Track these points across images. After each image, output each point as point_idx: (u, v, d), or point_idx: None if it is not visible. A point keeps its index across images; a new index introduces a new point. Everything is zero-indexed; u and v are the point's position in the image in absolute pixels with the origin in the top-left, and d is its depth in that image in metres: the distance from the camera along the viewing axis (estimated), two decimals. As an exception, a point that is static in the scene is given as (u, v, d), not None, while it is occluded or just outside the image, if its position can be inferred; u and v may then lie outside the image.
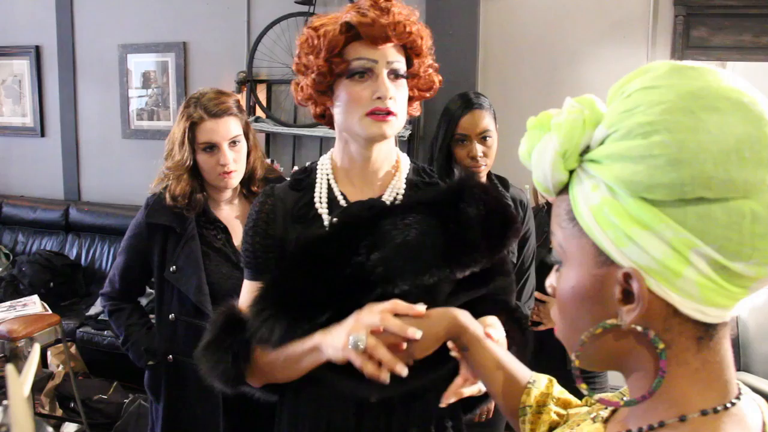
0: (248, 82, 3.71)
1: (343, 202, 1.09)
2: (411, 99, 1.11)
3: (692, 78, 0.50)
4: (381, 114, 1.01)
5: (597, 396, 0.59)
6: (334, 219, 1.07)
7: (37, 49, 4.40)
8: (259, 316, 1.02)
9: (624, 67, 3.18)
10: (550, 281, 0.63)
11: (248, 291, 1.10)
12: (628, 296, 0.52)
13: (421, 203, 1.06)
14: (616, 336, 0.54)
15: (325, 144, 3.76)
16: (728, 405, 0.52)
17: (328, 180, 1.11)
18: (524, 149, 0.59)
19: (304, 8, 3.60)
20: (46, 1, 4.31)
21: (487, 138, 1.81)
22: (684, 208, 0.48)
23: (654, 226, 0.49)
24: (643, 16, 3.16)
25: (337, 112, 1.07)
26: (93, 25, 4.24)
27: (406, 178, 1.12)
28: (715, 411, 0.51)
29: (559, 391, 0.86)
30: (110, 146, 4.30)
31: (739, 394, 0.53)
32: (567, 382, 0.82)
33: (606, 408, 0.66)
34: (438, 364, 0.98)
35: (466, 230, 1.03)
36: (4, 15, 4.47)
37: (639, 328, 0.52)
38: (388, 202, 1.09)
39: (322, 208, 1.09)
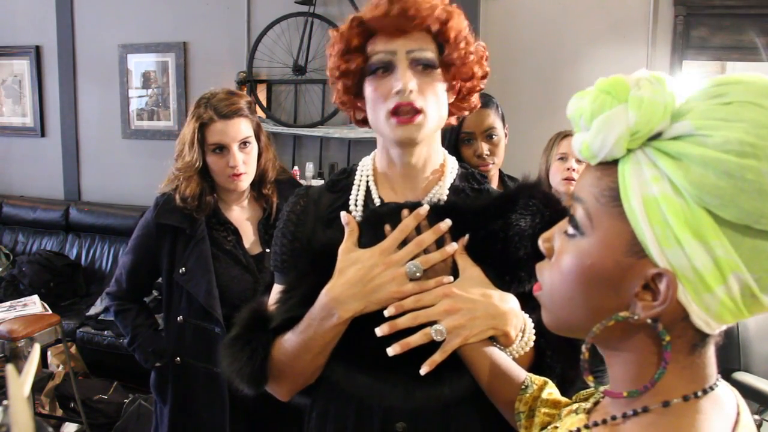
0: (248, 82, 3.71)
1: None
2: (460, 92, 1.01)
3: None
4: (405, 115, 0.91)
5: (602, 388, 0.60)
6: (358, 217, 1.00)
7: (37, 49, 4.40)
8: (280, 311, 1.00)
9: (624, 67, 3.18)
10: (549, 239, 0.61)
11: (275, 293, 1.06)
12: (645, 291, 0.52)
13: (460, 210, 0.97)
14: (623, 326, 0.54)
15: (325, 144, 3.76)
16: (707, 390, 0.54)
17: (368, 183, 1.03)
18: (587, 109, 0.54)
19: (304, 8, 3.59)
20: (46, 1, 4.31)
21: (493, 136, 1.79)
22: (744, 234, 0.48)
23: (708, 239, 0.49)
24: (643, 16, 3.16)
25: (368, 113, 0.99)
26: (93, 25, 4.24)
27: (451, 184, 1.02)
28: (696, 395, 0.53)
29: (548, 393, 0.86)
30: (110, 146, 4.30)
31: (716, 381, 0.55)
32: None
33: (588, 401, 0.68)
34: (461, 372, 0.94)
35: (512, 245, 0.94)
36: (4, 15, 4.47)
37: (649, 321, 0.52)
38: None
39: (357, 212, 1.01)
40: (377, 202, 1.02)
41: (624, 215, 0.52)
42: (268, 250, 1.74)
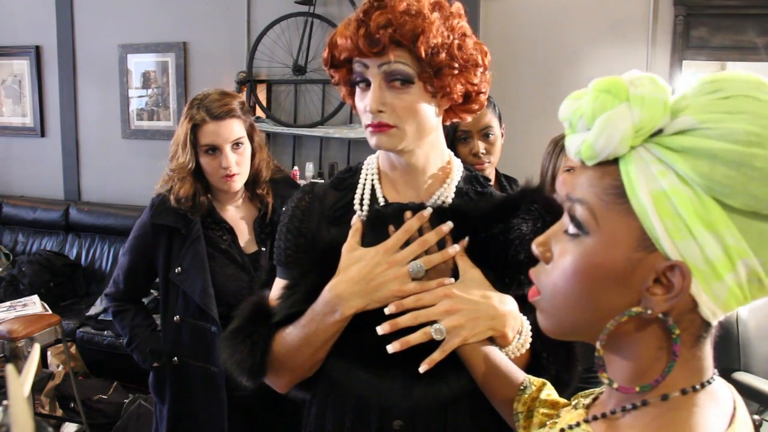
0: (248, 82, 3.71)
1: None
2: (450, 108, 1.01)
3: None
4: (377, 126, 0.93)
5: (616, 384, 0.60)
6: (363, 217, 1.01)
7: (37, 49, 4.40)
8: (283, 306, 1.01)
9: (624, 67, 3.17)
10: (546, 243, 0.61)
11: (277, 288, 1.06)
12: (657, 285, 0.53)
13: (462, 213, 0.98)
14: (632, 323, 0.55)
15: (324, 144, 3.76)
16: (705, 384, 0.54)
17: (372, 182, 1.04)
18: (588, 109, 0.54)
19: (304, 8, 3.60)
20: (46, 1, 4.31)
21: (490, 135, 1.80)
22: (752, 220, 0.49)
23: (719, 228, 0.50)
24: (643, 16, 3.16)
25: None
26: (93, 25, 4.24)
27: (456, 186, 1.03)
28: (694, 389, 0.54)
29: (547, 394, 0.86)
30: (110, 146, 4.30)
31: (713, 376, 0.56)
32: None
33: (587, 396, 0.68)
34: (460, 372, 0.95)
35: (512, 248, 0.95)
36: (4, 15, 4.47)
37: (660, 315, 0.53)
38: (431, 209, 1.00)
39: (361, 211, 1.02)
40: (381, 202, 1.02)
41: (630, 211, 0.52)
42: (263, 249, 1.76)
